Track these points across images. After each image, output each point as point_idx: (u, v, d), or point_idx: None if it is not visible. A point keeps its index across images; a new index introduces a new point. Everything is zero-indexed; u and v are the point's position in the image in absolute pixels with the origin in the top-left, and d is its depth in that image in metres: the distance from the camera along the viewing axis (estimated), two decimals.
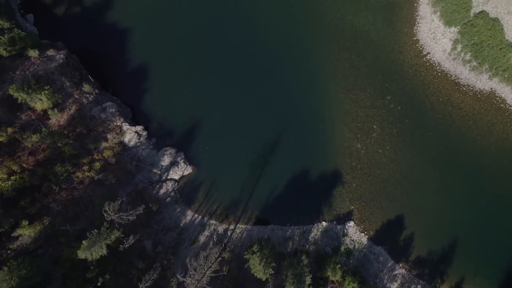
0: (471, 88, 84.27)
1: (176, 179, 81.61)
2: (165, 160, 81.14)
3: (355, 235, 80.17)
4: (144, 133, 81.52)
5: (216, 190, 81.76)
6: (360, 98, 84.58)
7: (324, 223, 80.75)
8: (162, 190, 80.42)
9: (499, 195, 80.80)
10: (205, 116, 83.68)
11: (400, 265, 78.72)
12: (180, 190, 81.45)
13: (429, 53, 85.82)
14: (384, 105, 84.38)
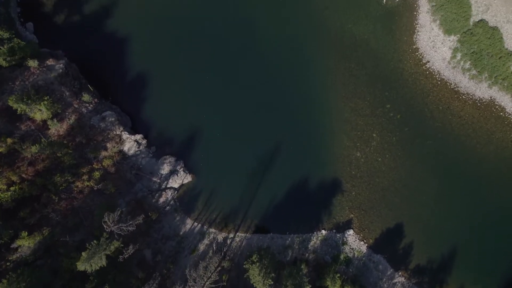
0: (471, 97, 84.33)
1: (176, 187, 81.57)
2: (165, 169, 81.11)
3: (354, 243, 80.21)
4: (144, 142, 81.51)
5: (216, 199, 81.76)
6: (359, 107, 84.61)
7: (323, 231, 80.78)
8: (161, 199, 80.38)
9: (499, 203, 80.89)
10: (205, 124, 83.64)
11: (400, 273, 78.77)
12: (179, 198, 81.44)
13: (428, 61, 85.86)
14: (384, 114, 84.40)
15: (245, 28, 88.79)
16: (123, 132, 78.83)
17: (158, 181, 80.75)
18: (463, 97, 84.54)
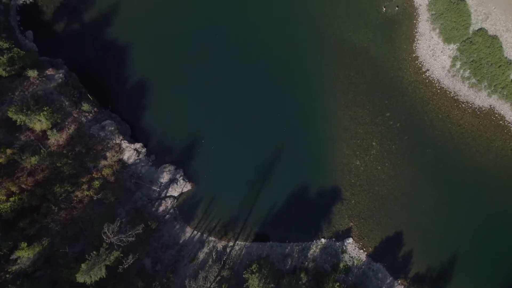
0: (470, 105, 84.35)
1: (175, 196, 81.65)
2: (164, 177, 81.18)
3: (354, 251, 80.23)
4: (143, 150, 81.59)
5: (215, 207, 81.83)
6: (359, 115, 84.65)
7: (323, 240, 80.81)
8: (161, 208, 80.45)
9: (498, 211, 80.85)
10: (205, 133, 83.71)
11: (399, 281, 78.70)
12: (179, 207, 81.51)
13: (428, 70, 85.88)
14: (383, 122, 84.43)
15: (245, 35, 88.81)
16: (122, 141, 78.90)
17: (158, 189, 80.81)
18: (463, 105, 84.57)
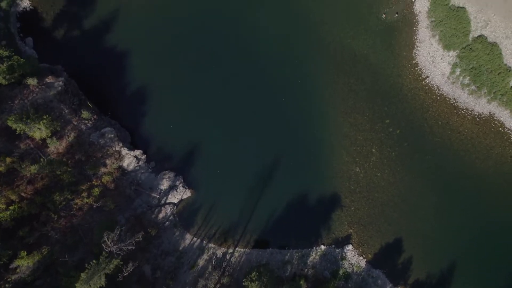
0: (470, 112, 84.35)
1: (175, 202, 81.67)
2: (164, 184, 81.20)
3: (353, 258, 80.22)
4: (143, 157, 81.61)
5: (215, 214, 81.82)
6: (358, 122, 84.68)
7: (322, 246, 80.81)
8: (161, 214, 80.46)
9: (498, 218, 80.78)
10: (204, 139, 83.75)
11: None
12: (179, 213, 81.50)
13: (428, 76, 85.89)
14: (383, 129, 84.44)
15: (244, 43, 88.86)
16: (122, 148, 78.92)
17: (158, 196, 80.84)
18: (462, 112, 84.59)
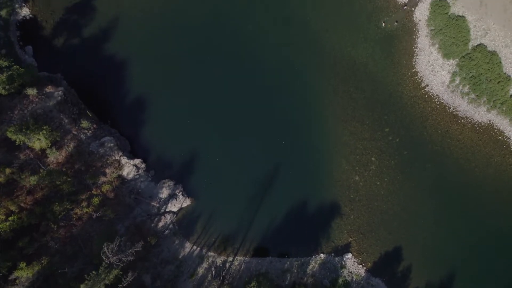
0: (469, 120, 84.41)
1: (175, 211, 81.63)
2: (164, 193, 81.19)
3: (353, 267, 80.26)
4: (143, 166, 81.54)
5: (215, 222, 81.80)
6: (358, 130, 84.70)
7: (322, 255, 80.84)
8: (160, 223, 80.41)
9: (498, 227, 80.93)
10: (204, 148, 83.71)
11: None
12: (178, 222, 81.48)
13: (427, 85, 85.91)
14: (383, 137, 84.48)
15: (244, 51, 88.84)
16: (122, 157, 78.88)
17: (157, 205, 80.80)
18: (462, 120, 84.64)
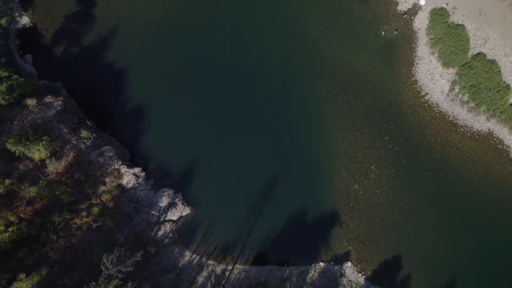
0: (469, 129, 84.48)
1: (174, 220, 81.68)
2: (163, 201, 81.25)
3: (352, 275, 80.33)
4: (142, 174, 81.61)
5: (214, 230, 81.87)
6: (358, 139, 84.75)
7: (321, 263, 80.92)
8: (160, 232, 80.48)
9: (497, 235, 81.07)
10: (203, 157, 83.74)
11: None
12: (178, 230, 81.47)
13: (427, 93, 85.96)
14: (382, 146, 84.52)
15: (243, 59, 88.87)
16: (121, 166, 78.94)
17: (157, 213, 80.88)
18: (461, 129, 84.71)
